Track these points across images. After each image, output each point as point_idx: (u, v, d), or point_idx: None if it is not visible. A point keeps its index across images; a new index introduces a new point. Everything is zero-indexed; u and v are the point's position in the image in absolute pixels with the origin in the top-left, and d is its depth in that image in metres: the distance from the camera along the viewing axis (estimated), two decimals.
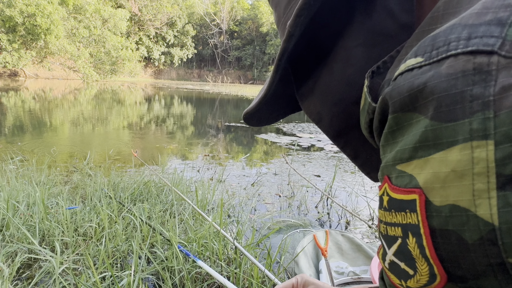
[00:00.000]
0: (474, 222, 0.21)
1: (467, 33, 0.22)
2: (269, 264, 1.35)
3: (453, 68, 0.22)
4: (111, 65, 29.82)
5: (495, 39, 0.21)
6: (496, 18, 0.22)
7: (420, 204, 0.24)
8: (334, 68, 0.39)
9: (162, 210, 1.94)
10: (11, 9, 22.05)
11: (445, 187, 0.22)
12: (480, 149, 0.21)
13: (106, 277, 1.26)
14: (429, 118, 0.23)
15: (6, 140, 4.19)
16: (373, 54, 0.36)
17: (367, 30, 0.36)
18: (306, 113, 0.44)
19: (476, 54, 0.21)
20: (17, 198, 1.77)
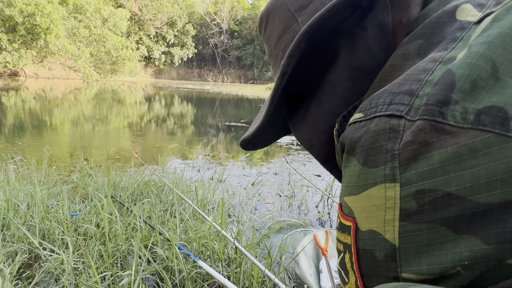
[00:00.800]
0: (383, 243, 0.29)
1: (390, 99, 0.29)
2: (269, 264, 1.35)
3: (377, 126, 0.29)
4: (111, 65, 29.82)
5: (405, 106, 0.28)
6: (409, 89, 0.28)
7: (353, 229, 0.31)
8: (323, 100, 0.44)
9: (163, 210, 1.93)
10: (10, 8, 22.04)
11: (368, 217, 0.30)
12: (390, 189, 0.27)
13: (107, 277, 1.26)
14: (361, 164, 0.30)
15: (6, 139, 4.19)
16: (356, 87, 0.41)
17: (351, 66, 0.41)
18: (297, 140, 0.49)
19: (392, 117, 0.28)
20: (17, 198, 1.77)
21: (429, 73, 0.28)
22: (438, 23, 0.33)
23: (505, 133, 0.23)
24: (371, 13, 0.40)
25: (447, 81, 0.26)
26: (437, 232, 0.25)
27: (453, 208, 0.25)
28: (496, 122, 0.23)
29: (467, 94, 0.25)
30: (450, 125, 0.25)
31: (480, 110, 0.24)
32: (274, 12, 0.48)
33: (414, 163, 0.26)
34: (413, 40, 0.34)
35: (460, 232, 0.25)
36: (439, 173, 0.25)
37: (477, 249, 0.24)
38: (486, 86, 0.25)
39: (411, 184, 0.26)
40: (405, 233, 0.27)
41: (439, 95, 0.26)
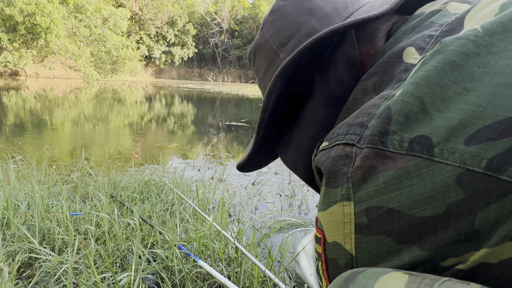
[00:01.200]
0: (344, 253, 0.34)
1: (346, 130, 0.35)
2: (269, 264, 1.35)
3: (336, 153, 0.34)
4: (112, 64, 29.80)
5: (357, 136, 0.33)
6: (361, 122, 0.33)
7: (322, 240, 0.37)
8: (303, 126, 0.49)
9: (163, 209, 1.93)
10: (10, 8, 22.02)
11: (332, 230, 0.35)
12: (347, 207, 0.32)
13: (107, 277, 1.26)
14: (325, 185, 0.35)
15: (7, 139, 4.19)
16: (332, 114, 0.46)
17: (325, 96, 0.46)
18: (284, 163, 0.54)
19: (347, 145, 0.33)
20: (17, 197, 1.77)
21: (376, 108, 0.33)
22: (388, 63, 0.38)
23: (431, 157, 0.27)
24: (340, 49, 0.45)
25: (385, 115, 0.31)
26: (384, 243, 0.30)
27: (395, 221, 0.29)
28: (424, 148, 0.28)
29: (402, 125, 0.30)
30: (390, 152, 0.30)
31: (412, 139, 0.29)
32: (260, 49, 0.53)
33: (364, 184, 0.31)
34: (369, 77, 0.39)
35: (402, 242, 0.29)
36: (383, 192, 0.29)
37: (415, 255, 0.28)
38: (418, 118, 0.29)
39: (363, 202, 0.31)
40: (360, 244, 0.32)
41: (380, 127, 0.31)
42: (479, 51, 0.30)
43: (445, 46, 0.31)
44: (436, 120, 0.28)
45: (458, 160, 0.26)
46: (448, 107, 0.28)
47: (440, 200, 0.27)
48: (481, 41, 0.30)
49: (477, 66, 0.29)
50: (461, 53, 0.30)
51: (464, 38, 0.30)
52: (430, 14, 0.40)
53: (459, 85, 0.29)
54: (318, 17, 0.47)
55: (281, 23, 0.50)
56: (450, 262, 0.27)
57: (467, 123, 0.27)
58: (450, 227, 0.26)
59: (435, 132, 0.28)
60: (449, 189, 0.26)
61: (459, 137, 0.27)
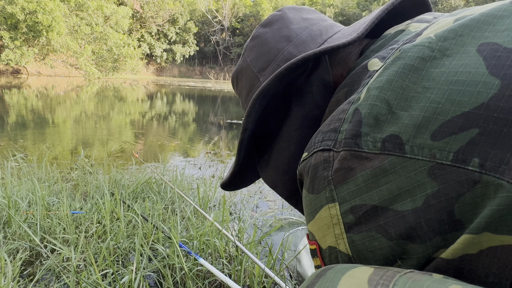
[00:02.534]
0: (340, 255, 0.34)
1: (322, 137, 0.36)
2: (270, 262, 1.35)
3: (316, 160, 0.36)
4: (113, 63, 29.81)
5: (332, 141, 0.35)
6: (334, 127, 0.35)
7: (318, 251, 0.37)
8: (281, 146, 0.50)
9: (164, 207, 1.93)
10: (12, 6, 22.03)
11: (324, 235, 0.35)
12: (333, 208, 0.33)
13: (108, 275, 1.26)
14: (310, 192, 0.36)
15: (8, 137, 4.20)
16: (308, 134, 0.47)
17: (302, 117, 0.48)
18: (264, 181, 0.56)
19: (324, 151, 0.35)
20: (18, 195, 1.77)
21: (345, 113, 0.35)
22: (356, 74, 0.40)
23: (403, 154, 0.29)
24: (315, 73, 0.48)
25: (356, 119, 0.33)
26: (376, 239, 0.31)
27: (381, 217, 0.30)
28: (396, 147, 0.29)
29: (373, 127, 0.31)
30: (365, 152, 0.31)
31: (384, 139, 0.30)
32: (242, 73, 0.56)
33: (345, 185, 0.32)
34: (341, 89, 0.41)
35: (391, 238, 0.30)
36: (364, 190, 0.31)
37: (407, 248, 0.29)
38: (386, 119, 0.31)
39: (346, 202, 0.32)
40: (353, 243, 0.32)
41: (352, 130, 0.33)
42: (434, 54, 0.32)
43: (404, 53, 0.34)
44: (403, 119, 0.30)
45: (428, 155, 0.28)
46: (411, 106, 0.30)
47: (417, 193, 0.28)
48: (435, 46, 0.33)
49: (434, 68, 0.31)
50: (419, 58, 0.32)
51: (420, 45, 0.33)
52: (395, 34, 0.44)
53: (419, 85, 0.31)
54: (295, 44, 0.50)
55: (260, 49, 0.53)
56: (441, 253, 0.28)
57: (430, 119, 0.29)
58: (432, 219, 0.28)
59: (403, 131, 0.30)
60: (424, 182, 0.28)
61: (425, 133, 0.28)
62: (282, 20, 0.54)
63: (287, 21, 0.53)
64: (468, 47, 0.31)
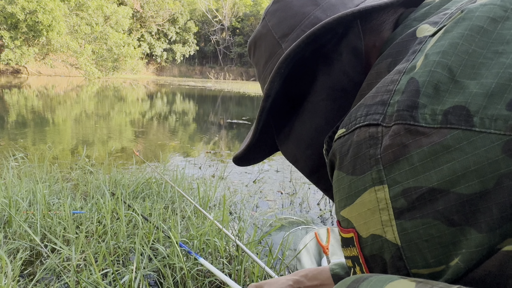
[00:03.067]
0: (387, 244, 0.30)
1: (366, 111, 0.32)
2: (270, 262, 1.35)
3: (359, 137, 0.31)
4: (113, 62, 29.80)
5: (379, 115, 0.30)
6: (381, 100, 0.31)
7: (356, 239, 0.32)
8: (305, 118, 0.47)
9: (164, 207, 1.93)
10: (12, 6, 22.02)
11: (366, 222, 0.31)
12: (380, 191, 0.29)
13: (108, 274, 1.26)
14: (350, 174, 0.32)
15: (9, 137, 4.20)
16: (335, 106, 0.44)
17: (328, 87, 0.44)
18: (284, 155, 0.52)
19: (370, 126, 0.31)
20: (19, 195, 1.77)
21: (396, 83, 0.31)
22: (402, 43, 0.36)
23: (471, 128, 0.25)
24: (345, 39, 0.44)
25: (412, 88, 0.29)
26: (433, 227, 0.27)
27: (440, 201, 0.26)
28: (462, 119, 0.26)
29: (432, 98, 0.28)
30: (422, 127, 0.27)
31: (446, 111, 0.27)
32: (261, 39, 0.52)
33: (396, 165, 0.28)
34: (383, 60, 0.37)
35: (453, 224, 0.26)
36: (420, 171, 0.27)
37: (472, 238, 0.25)
38: (448, 89, 0.27)
39: (398, 184, 0.28)
40: (404, 231, 0.28)
41: (408, 101, 0.29)
42: (507, 15, 0.28)
43: (469, 12, 0.29)
44: (470, 88, 0.26)
45: (503, 127, 0.24)
46: (480, 74, 0.27)
47: (488, 173, 0.24)
48: (509, 5, 0.29)
49: (507, 29, 0.28)
50: (489, 18, 0.28)
51: (490, 4, 0.29)
52: (441, 2, 0.39)
53: (489, 50, 0.27)
54: (323, 8, 0.46)
55: (284, 13, 0.48)
56: (508, 244, 0.24)
57: (506, 86, 0.25)
58: (505, 202, 0.24)
59: (471, 101, 0.26)
60: (497, 159, 0.24)
61: (499, 103, 0.25)
62: None
63: None
64: None
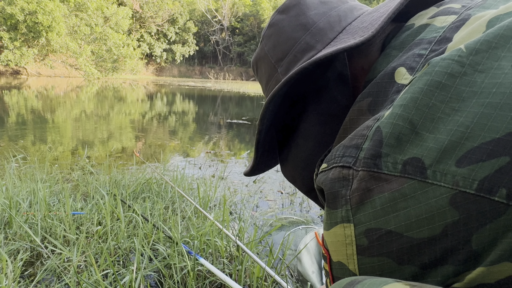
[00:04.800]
0: (348, 273, 0.34)
1: (342, 152, 0.35)
2: (271, 262, 1.35)
3: (334, 175, 0.35)
4: (113, 63, 29.80)
5: (352, 158, 0.33)
6: (356, 144, 0.34)
7: (328, 259, 0.38)
8: (299, 143, 0.50)
9: (164, 207, 1.93)
10: (12, 6, 22.02)
11: (335, 250, 0.35)
12: (347, 228, 0.33)
13: (108, 275, 1.26)
14: (327, 206, 0.35)
15: (9, 138, 4.20)
16: (326, 130, 0.47)
17: (319, 113, 0.48)
18: (283, 175, 0.57)
19: (343, 168, 0.33)
20: (19, 196, 1.77)
21: (369, 129, 0.33)
22: (381, 84, 0.38)
23: (425, 180, 0.27)
24: (331, 67, 0.46)
25: (376, 138, 0.31)
26: (386, 264, 0.30)
27: (395, 243, 0.29)
28: (417, 171, 0.28)
29: (394, 147, 0.30)
30: (385, 174, 0.30)
31: (406, 161, 0.29)
32: (260, 61, 0.55)
33: (361, 206, 0.31)
34: (364, 98, 0.39)
35: (402, 263, 0.29)
36: (381, 214, 0.30)
37: (416, 275, 0.29)
38: (409, 139, 0.29)
39: (362, 224, 0.31)
40: (363, 265, 0.32)
41: (372, 150, 0.31)
42: (465, 70, 0.30)
43: (431, 67, 0.31)
44: (427, 141, 0.28)
45: (451, 182, 0.26)
46: (438, 128, 0.29)
47: (436, 221, 0.27)
48: (466, 60, 0.30)
49: (464, 86, 0.29)
50: (447, 74, 0.30)
51: (448, 58, 0.31)
52: (419, 29, 0.41)
53: (447, 105, 0.29)
54: (312, 33, 0.48)
55: (277, 38, 0.52)
56: (450, 282, 0.27)
57: (456, 144, 0.27)
58: (448, 248, 0.27)
59: (426, 154, 0.28)
60: (444, 210, 0.26)
61: (450, 159, 0.27)
62: (299, 6, 0.51)
63: (304, 6, 0.51)
64: (503, 61, 0.29)
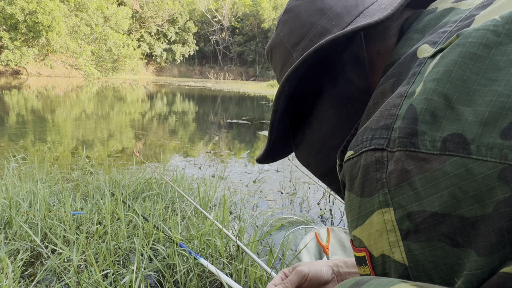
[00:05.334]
0: (394, 265, 0.31)
1: (371, 135, 0.33)
2: (271, 262, 1.35)
3: (366, 160, 0.32)
4: (113, 63, 29.81)
5: (384, 139, 0.31)
6: (385, 124, 0.32)
7: (368, 259, 0.34)
8: (314, 126, 0.50)
9: (164, 207, 1.93)
10: (12, 6, 22.02)
11: (375, 243, 0.32)
12: (387, 213, 0.30)
13: (108, 275, 1.26)
14: (359, 196, 0.33)
15: (9, 138, 4.20)
16: (342, 113, 0.46)
17: (334, 96, 0.47)
18: (297, 159, 0.56)
19: (375, 151, 0.32)
20: (19, 196, 1.77)
21: (398, 107, 0.32)
22: (404, 63, 0.37)
23: (468, 155, 0.26)
24: (348, 49, 0.46)
25: (411, 115, 0.30)
26: (438, 248, 0.28)
27: (444, 224, 0.27)
28: (459, 147, 0.26)
29: (431, 124, 0.29)
30: (423, 153, 0.28)
31: (445, 138, 0.27)
32: (276, 47, 0.55)
33: (399, 189, 0.29)
34: (387, 80, 0.38)
35: (458, 245, 0.27)
36: (423, 196, 0.28)
37: (473, 260, 0.26)
38: (445, 115, 0.28)
39: (402, 208, 0.29)
40: (411, 252, 0.29)
41: (407, 128, 0.30)
42: (500, 40, 0.28)
43: (463, 38, 0.30)
44: (465, 115, 0.27)
45: (498, 155, 0.25)
46: (474, 101, 0.27)
47: (486, 199, 0.25)
48: (502, 29, 0.29)
49: (500, 55, 0.28)
50: (482, 44, 0.29)
51: (482, 29, 0.29)
52: (443, 13, 0.40)
53: (483, 76, 0.28)
54: (329, 17, 0.48)
55: (293, 23, 0.51)
56: (507, 266, 0.25)
57: (498, 115, 0.26)
58: (503, 228, 0.25)
59: (467, 129, 0.27)
60: (493, 186, 0.25)
61: (494, 131, 0.25)
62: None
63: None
64: None
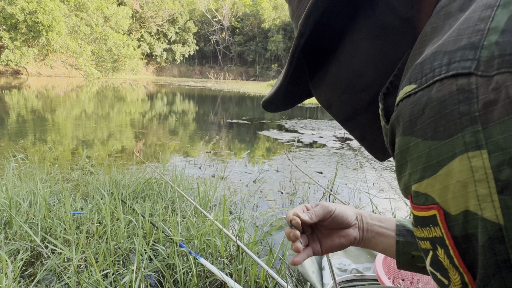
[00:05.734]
0: (483, 224, 0.23)
1: (447, 59, 0.25)
2: (271, 261, 1.35)
3: (441, 91, 0.25)
4: (113, 63, 29.81)
5: (471, 61, 0.24)
6: (469, 43, 0.25)
7: (440, 217, 0.26)
8: (342, 59, 0.42)
9: (164, 207, 1.93)
10: (12, 6, 22.02)
11: (455, 196, 0.25)
12: (476, 158, 0.23)
13: (108, 275, 1.26)
14: (429, 139, 0.25)
15: (9, 138, 4.20)
16: (377, 46, 0.39)
17: (371, 24, 0.39)
18: (317, 100, 0.48)
19: (457, 77, 0.24)
20: (19, 196, 1.77)
21: (488, 20, 0.24)
22: None
23: None
24: None
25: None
26: None
27: None
28: None
29: None
30: None
31: None
32: None
33: (500, 126, 0.22)
34: (451, 1, 0.31)
35: None
36: None
37: None
38: None
39: (502, 150, 0.22)
40: (508, 209, 0.22)
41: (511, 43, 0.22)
42: None
43: None
44: None
45: None
46: None
47: None
48: None
49: None
50: None
51: None
52: None
53: None
54: None
55: None
56: None
57: None
58: None
59: None
60: None
61: None
62: None
63: None
64: None
